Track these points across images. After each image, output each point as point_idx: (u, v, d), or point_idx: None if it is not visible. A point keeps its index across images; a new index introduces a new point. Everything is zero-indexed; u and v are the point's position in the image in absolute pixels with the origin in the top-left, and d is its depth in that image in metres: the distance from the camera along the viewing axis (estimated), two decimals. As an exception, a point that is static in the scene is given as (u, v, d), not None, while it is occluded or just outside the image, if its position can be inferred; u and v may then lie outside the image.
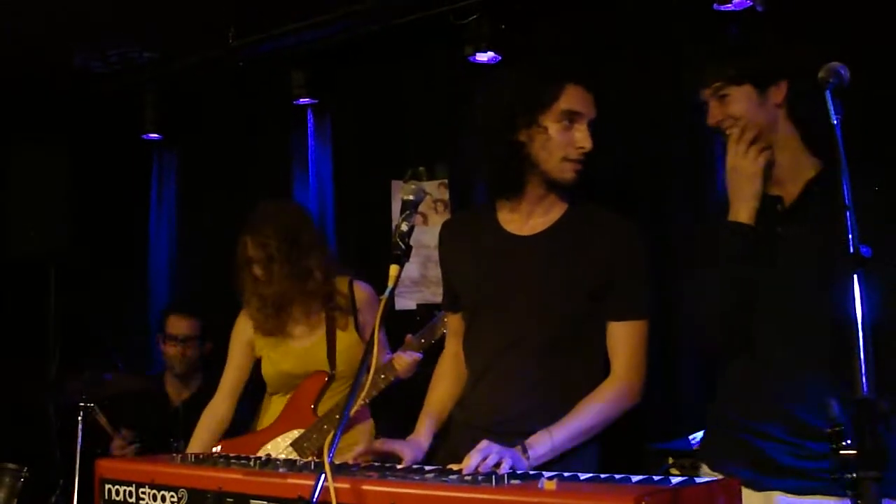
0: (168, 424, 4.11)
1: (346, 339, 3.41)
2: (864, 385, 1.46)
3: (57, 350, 4.97)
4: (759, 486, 2.18)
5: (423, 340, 3.20)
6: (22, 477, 4.00)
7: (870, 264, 1.56)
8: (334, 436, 1.98)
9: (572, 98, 2.43)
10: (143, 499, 2.44)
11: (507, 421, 2.41)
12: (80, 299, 5.12)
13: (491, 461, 2.12)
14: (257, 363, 3.51)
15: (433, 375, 2.76)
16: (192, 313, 4.41)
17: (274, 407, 3.47)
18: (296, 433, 3.31)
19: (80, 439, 3.90)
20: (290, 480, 2.08)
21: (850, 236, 1.60)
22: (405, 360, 3.22)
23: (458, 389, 2.65)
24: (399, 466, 2.28)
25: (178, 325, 4.37)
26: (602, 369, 2.47)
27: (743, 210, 2.23)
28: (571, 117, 2.42)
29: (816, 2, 3.41)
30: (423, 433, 2.58)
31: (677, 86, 3.74)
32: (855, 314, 1.53)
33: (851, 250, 1.57)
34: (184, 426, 3.76)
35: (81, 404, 3.95)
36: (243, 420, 3.61)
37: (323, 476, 1.88)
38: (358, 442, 3.23)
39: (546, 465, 2.25)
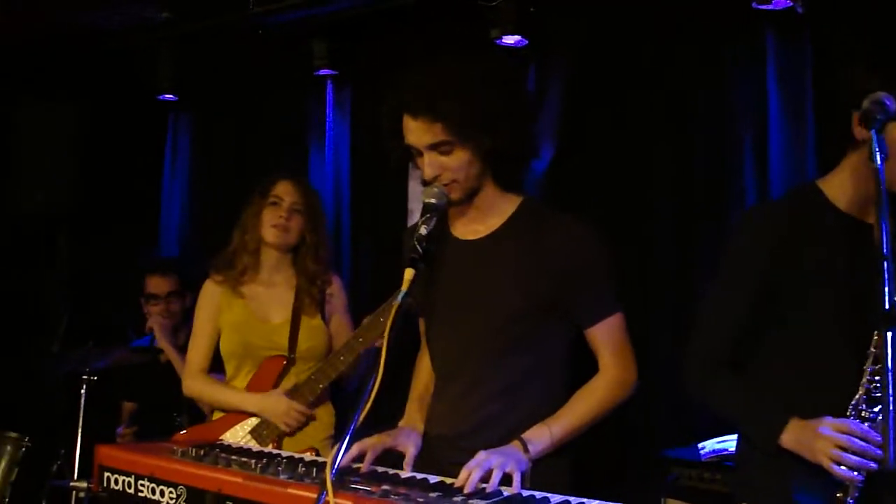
0: (172, 399, 4.06)
1: (311, 324, 3.38)
2: (892, 456, 1.35)
3: (63, 317, 4.93)
4: None
5: (381, 320, 3.12)
6: (23, 446, 3.98)
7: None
8: (336, 452, 1.94)
9: (407, 132, 2.34)
10: (141, 491, 2.42)
11: (471, 433, 2.38)
12: (89, 263, 5.07)
13: (496, 477, 2.08)
14: None
15: (414, 371, 2.72)
16: (169, 271, 4.42)
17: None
18: (254, 421, 3.27)
19: (81, 410, 3.88)
20: (290, 490, 2.06)
21: (887, 289, 1.48)
22: None
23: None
24: (402, 475, 2.23)
25: (159, 284, 4.36)
26: (561, 370, 2.43)
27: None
28: (416, 150, 2.36)
29: (858, 4, 3.29)
30: (415, 417, 2.57)
31: (714, 86, 3.64)
32: (889, 376, 1.42)
33: (887, 307, 1.45)
34: (188, 399, 3.72)
35: (85, 376, 3.92)
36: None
37: (324, 493, 1.86)
38: (319, 420, 3.29)
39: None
